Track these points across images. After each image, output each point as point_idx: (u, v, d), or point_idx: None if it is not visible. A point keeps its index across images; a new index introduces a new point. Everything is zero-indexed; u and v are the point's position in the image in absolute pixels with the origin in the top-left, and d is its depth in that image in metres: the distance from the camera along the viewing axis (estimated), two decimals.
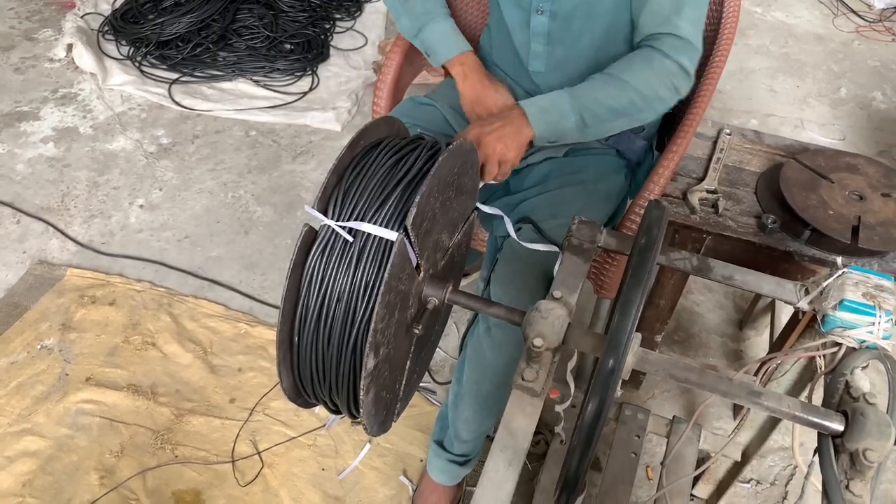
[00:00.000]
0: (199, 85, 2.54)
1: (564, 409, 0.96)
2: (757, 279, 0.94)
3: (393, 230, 0.72)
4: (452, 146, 0.77)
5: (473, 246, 1.38)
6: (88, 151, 2.29)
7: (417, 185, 0.74)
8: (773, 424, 1.19)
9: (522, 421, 0.78)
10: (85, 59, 2.56)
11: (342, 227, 0.72)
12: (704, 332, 1.84)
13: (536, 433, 1.28)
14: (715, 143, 1.36)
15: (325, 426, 1.57)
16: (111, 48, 2.66)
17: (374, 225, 0.72)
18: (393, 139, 0.82)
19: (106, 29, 2.71)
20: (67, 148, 2.30)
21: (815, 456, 0.79)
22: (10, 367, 1.67)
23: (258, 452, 1.53)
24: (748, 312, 1.84)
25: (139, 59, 2.59)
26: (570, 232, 0.97)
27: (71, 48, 2.62)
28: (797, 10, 3.27)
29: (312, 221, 0.76)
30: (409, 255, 0.72)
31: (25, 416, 1.57)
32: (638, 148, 1.25)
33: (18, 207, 2.08)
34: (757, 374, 1.06)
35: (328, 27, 2.81)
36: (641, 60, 1.09)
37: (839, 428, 0.73)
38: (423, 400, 1.64)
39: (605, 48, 1.16)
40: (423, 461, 1.52)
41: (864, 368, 0.81)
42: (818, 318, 0.87)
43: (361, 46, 2.76)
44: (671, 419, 1.33)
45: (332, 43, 2.76)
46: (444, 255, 0.86)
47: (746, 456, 1.29)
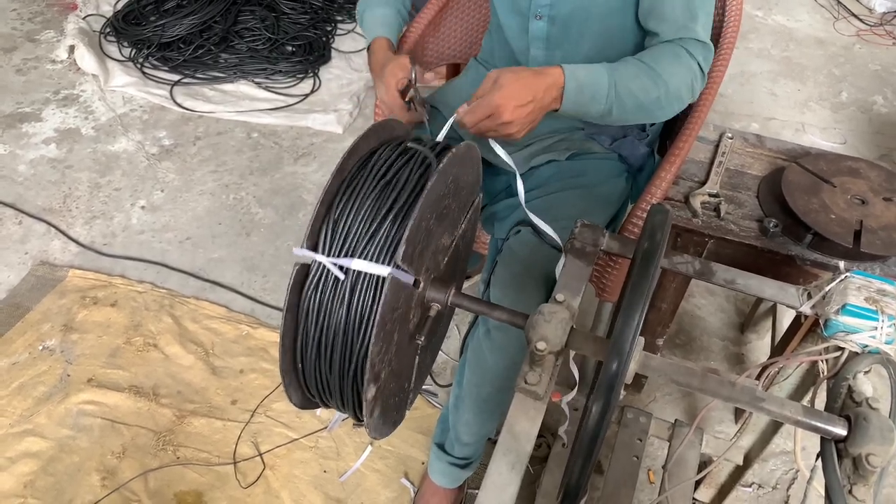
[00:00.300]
0: (200, 87, 2.54)
1: (570, 400, 0.95)
2: (759, 283, 0.94)
3: (384, 264, 0.70)
4: (445, 161, 0.73)
5: (476, 249, 1.38)
6: (90, 153, 2.29)
7: (408, 212, 0.72)
8: (775, 428, 1.19)
9: (525, 424, 0.78)
10: (87, 60, 2.56)
11: (333, 263, 0.71)
12: (706, 335, 1.84)
13: (539, 436, 1.28)
14: (717, 146, 1.36)
15: (326, 428, 1.57)
16: (113, 50, 2.66)
17: (364, 261, 0.71)
18: (383, 154, 0.79)
19: (108, 30, 2.71)
20: (69, 149, 2.30)
21: (817, 460, 0.79)
22: (11, 367, 1.67)
23: (260, 454, 1.53)
24: (750, 316, 1.84)
25: (141, 60, 2.60)
26: (572, 235, 0.97)
27: (73, 50, 2.63)
28: (798, 13, 3.28)
29: (302, 257, 0.75)
30: (403, 280, 0.71)
31: (27, 416, 1.57)
32: (641, 153, 1.25)
33: (20, 208, 2.08)
34: (759, 378, 1.06)
35: (329, 29, 2.81)
36: (672, 55, 1.07)
37: (842, 433, 0.73)
38: (424, 402, 1.64)
39: (604, 52, 1.16)
40: (424, 464, 1.52)
41: (866, 373, 0.81)
42: (820, 322, 0.87)
43: (363, 48, 2.77)
44: (673, 423, 1.33)
45: (333, 45, 2.77)
46: (445, 253, 0.86)
47: (748, 460, 1.29)
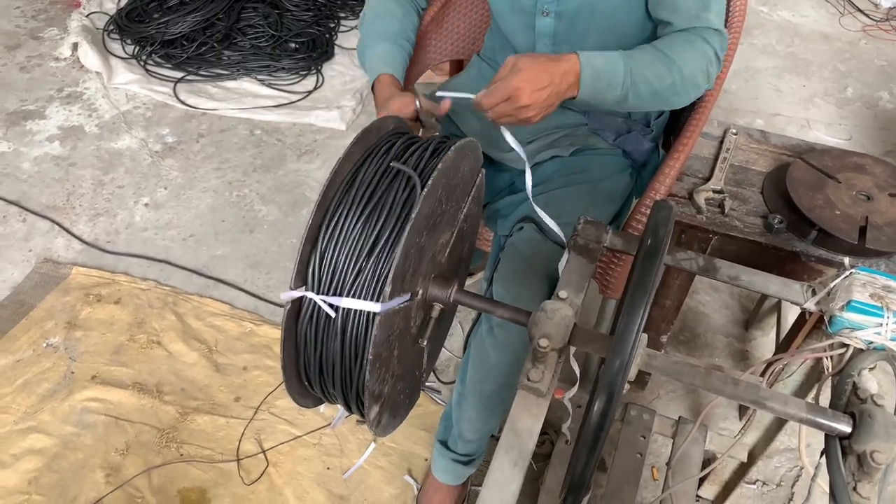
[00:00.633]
0: (203, 84, 2.54)
1: (571, 397, 0.95)
2: (763, 280, 0.93)
3: (373, 300, 0.70)
4: (433, 179, 0.71)
5: (478, 246, 1.38)
6: (94, 150, 2.30)
7: (394, 244, 0.71)
8: (779, 425, 1.19)
9: (528, 421, 0.78)
10: (90, 58, 2.56)
11: (323, 301, 0.72)
12: (710, 332, 1.84)
13: (542, 433, 1.28)
14: (721, 142, 1.35)
15: (330, 425, 1.57)
16: (116, 47, 2.66)
17: (353, 298, 0.71)
18: (367, 172, 0.76)
19: (111, 28, 2.71)
20: (73, 147, 2.30)
21: (821, 457, 0.78)
22: (15, 364, 1.67)
23: (263, 451, 1.53)
24: (754, 313, 1.84)
25: (144, 57, 2.60)
26: (575, 232, 0.97)
27: (76, 47, 2.63)
28: (803, 9, 3.26)
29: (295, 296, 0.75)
30: (397, 305, 0.71)
31: (31, 413, 1.57)
32: (645, 149, 1.25)
33: (24, 206, 2.08)
34: (763, 374, 1.05)
35: (333, 26, 2.81)
36: (686, 41, 1.07)
37: (846, 429, 0.72)
38: (427, 399, 1.64)
39: (609, 47, 1.15)
40: (427, 460, 1.52)
41: (871, 370, 0.80)
42: (825, 318, 0.86)
43: None
44: (677, 420, 1.32)
45: (336, 42, 2.76)
46: (446, 248, 0.85)
47: (752, 457, 1.29)
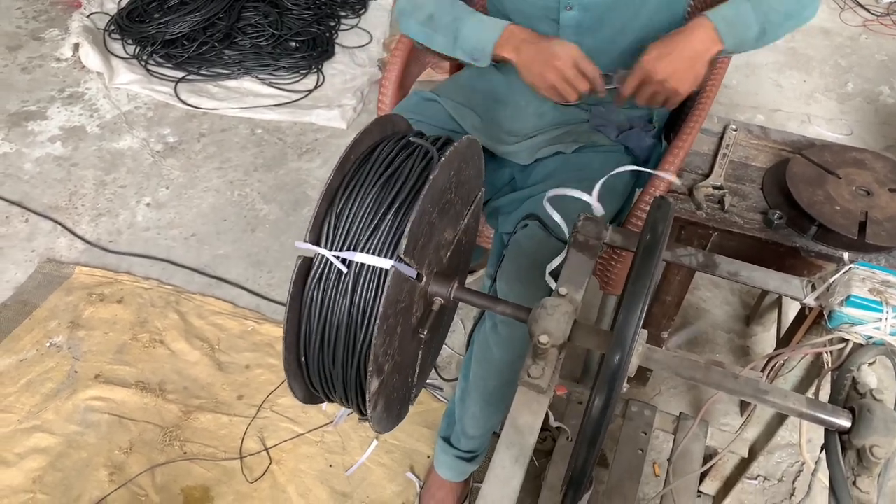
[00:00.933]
0: (204, 83, 2.55)
1: (573, 393, 0.95)
2: (763, 275, 0.94)
3: (386, 258, 0.71)
4: (447, 155, 0.74)
5: (479, 243, 1.38)
6: (95, 150, 2.30)
7: (411, 205, 0.72)
8: (780, 421, 1.19)
9: (528, 417, 0.78)
10: (91, 58, 2.57)
11: (336, 256, 0.72)
12: (711, 328, 1.84)
13: (543, 430, 1.29)
14: (721, 138, 1.35)
15: (332, 423, 1.58)
16: (117, 47, 2.67)
17: (366, 254, 0.71)
18: (385, 148, 0.79)
19: (112, 28, 2.72)
20: (75, 147, 2.31)
21: (822, 452, 0.79)
22: (19, 364, 1.68)
23: (266, 449, 1.54)
24: (755, 308, 1.84)
25: (145, 57, 2.60)
26: (575, 228, 0.97)
27: (77, 47, 2.63)
28: None
29: (305, 251, 0.75)
30: (406, 273, 0.72)
31: (35, 413, 1.58)
32: (647, 145, 1.25)
33: (27, 206, 2.09)
34: (763, 370, 1.06)
35: (333, 25, 2.81)
36: None
37: (846, 424, 0.73)
38: (429, 397, 1.64)
39: (636, 33, 1.17)
40: (429, 457, 1.53)
41: (871, 364, 0.81)
42: (825, 314, 0.86)
43: (367, 44, 2.76)
44: (678, 416, 1.33)
45: (337, 41, 2.77)
46: (448, 248, 0.86)
47: (754, 452, 1.29)
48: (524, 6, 1.20)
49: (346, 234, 0.73)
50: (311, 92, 2.53)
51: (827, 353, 0.87)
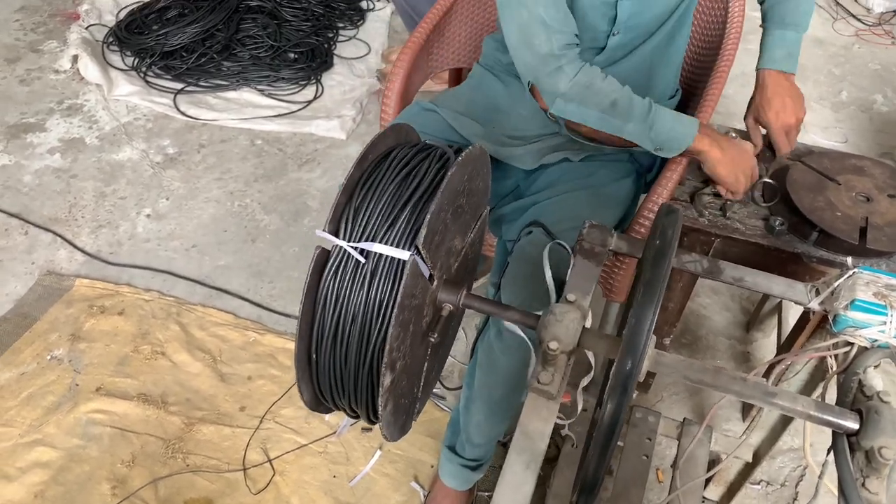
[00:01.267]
0: (203, 95, 2.56)
1: (580, 400, 0.95)
2: (767, 281, 0.95)
3: (404, 249, 0.72)
4: (462, 156, 0.77)
5: (482, 251, 1.39)
6: (95, 162, 2.30)
7: (428, 201, 0.74)
8: (784, 425, 1.20)
9: (538, 424, 0.79)
10: (90, 70, 2.57)
11: (354, 247, 0.73)
12: (712, 334, 1.85)
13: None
14: None
15: (335, 433, 1.57)
16: (116, 59, 2.67)
17: (385, 245, 0.72)
18: (402, 149, 0.82)
19: (110, 40, 2.73)
20: (74, 159, 2.31)
21: (828, 455, 0.79)
22: (20, 377, 1.67)
23: (269, 460, 1.53)
24: (755, 315, 1.85)
25: (144, 69, 2.61)
26: (581, 236, 0.98)
27: (76, 59, 2.64)
28: None
29: (324, 242, 0.76)
30: (421, 270, 0.73)
31: (36, 426, 1.57)
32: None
33: (26, 219, 2.09)
34: (766, 375, 1.06)
35: (331, 36, 2.83)
36: None
37: (854, 426, 0.73)
38: (432, 406, 1.64)
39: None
40: (433, 467, 1.52)
41: (876, 367, 0.81)
42: (829, 318, 0.87)
43: (365, 55, 2.78)
44: (682, 421, 1.33)
45: (335, 52, 2.78)
46: (457, 258, 0.87)
47: (757, 457, 1.30)
48: (581, 30, 1.17)
49: (364, 226, 0.74)
50: (310, 103, 2.54)
51: (831, 356, 0.88)
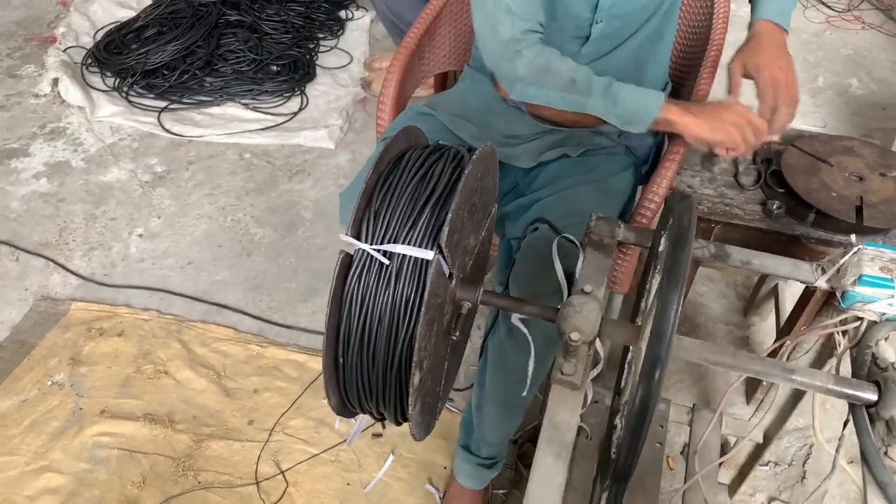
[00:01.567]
0: (188, 111, 2.54)
1: (582, 414, 0.96)
2: (774, 262, 0.97)
3: (427, 248, 0.73)
4: (476, 154, 0.78)
5: None
6: (82, 184, 2.28)
7: (447, 200, 0.75)
8: (793, 405, 1.22)
9: (565, 414, 0.80)
10: (71, 92, 2.55)
11: (377, 250, 0.74)
12: (710, 321, 1.87)
13: None
14: None
15: (346, 441, 1.57)
16: (96, 80, 2.65)
17: (408, 245, 0.73)
18: (415, 151, 0.83)
19: (90, 61, 2.70)
20: (61, 182, 2.29)
21: (845, 428, 0.81)
22: (21, 405, 1.65)
23: (282, 472, 1.53)
24: (751, 300, 1.88)
25: (126, 89, 2.59)
26: (589, 229, 0.99)
27: (56, 82, 2.61)
28: None
29: (347, 247, 0.76)
30: (443, 268, 0.74)
31: (42, 453, 1.55)
32: (648, 144, 1.28)
33: (16, 245, 2.06)
34: (774, 356, 1.08)
35: (312, 47, 2.83)
36: None
37: (873, 397, 0.75)
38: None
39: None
40: (447, 468, 1.53)
41: (886, 339, 0.84)
42: (837, 294, 0.89)
43: (347, 64, 2.78)
44: (692, 406, 1.35)
45: (317, 62, 2.78)
46: (471, 255, 0.88)
47: (767, 438, 1.32)
48: (564, 18, 1.19)
49: (385, 228, 0.75)
50: (296, 114, 2.53)
51: (838, 333, 0.90)
